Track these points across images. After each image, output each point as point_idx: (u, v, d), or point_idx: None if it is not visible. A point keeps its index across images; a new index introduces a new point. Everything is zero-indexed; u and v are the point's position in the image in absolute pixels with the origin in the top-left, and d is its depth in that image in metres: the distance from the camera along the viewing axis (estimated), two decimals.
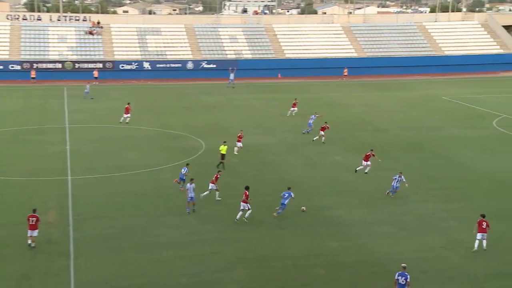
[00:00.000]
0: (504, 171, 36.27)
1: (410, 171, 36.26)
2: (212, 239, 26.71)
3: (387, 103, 58.76)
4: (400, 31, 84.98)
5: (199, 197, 30.34)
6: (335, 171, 36.22)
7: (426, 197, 31.81)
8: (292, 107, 51.84)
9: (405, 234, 27.31)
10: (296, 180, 34.13)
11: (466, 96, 61.69)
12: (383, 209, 30.19)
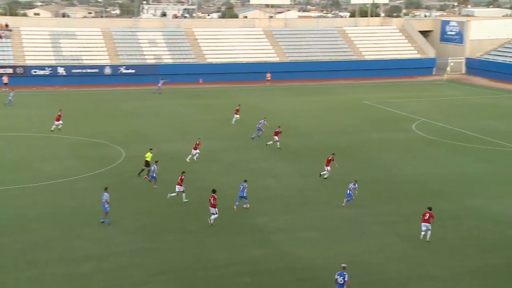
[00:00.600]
0: (426, 174, 37.50)
1: (334, 175, 36.90)
2: (133, 250, 26.23)
3: (310, 108, 59.61)
4: (321, 35, 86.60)
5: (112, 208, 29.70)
6: (259, 177, 36.37)
7: (351, 202, 32.40)
8: (235, 114, 51.58)
9: (331, 239, 27.71)
10: (219, 188, 33.96)
11: (387, 100, 63.51)
12: (308, 214, 30.55)
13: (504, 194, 33.70)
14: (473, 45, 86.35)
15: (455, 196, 33.38)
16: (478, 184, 35.33)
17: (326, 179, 35.81)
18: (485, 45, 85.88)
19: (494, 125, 51.55)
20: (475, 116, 55.77)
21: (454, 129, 50.07)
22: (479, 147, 43.96)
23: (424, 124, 52.02)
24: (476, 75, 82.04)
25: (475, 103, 63.30)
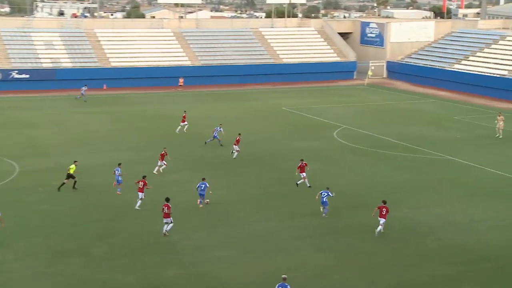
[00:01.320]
0: (348, 184, 38.10)
1: (252, 187, 36.90)
2: (28, 276, 25.17)
3: (225, 115, 59.62)
4: (236, 37, 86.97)
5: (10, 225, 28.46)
6: (171, 191, 35.91)
7: (270, 215, 32.48)
8: (181, 122, 51.16)
9: (249, 257, 27.60)
10: (127, 204, 33.28)
11: (306, 106, 64.40)
12: (223, 231, 30.34)
13: (427, 203, 34.70)
14: (394, 48, 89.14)
15: None
16: (401, 194, 36.24)
17: (247, 192, 35.77)
18: (406, 48, 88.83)
19: (416, 131, 53.18)
20: (397, 122, 57.39)
21: (377, 136, 51.30)
22: (402, 155, 45.19)
23: (345, 131, 53.03)
24: (397, 79, 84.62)
25: (397, 108, 65.19)
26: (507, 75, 72.35)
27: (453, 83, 76.89)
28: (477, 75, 74.71)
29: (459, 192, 36.53)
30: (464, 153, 45.52)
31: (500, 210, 33.66)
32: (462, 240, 29.54)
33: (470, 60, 79.37)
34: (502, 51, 77.94)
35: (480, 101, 69.53)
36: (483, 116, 60.60)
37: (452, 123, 57.20)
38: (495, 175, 40.26)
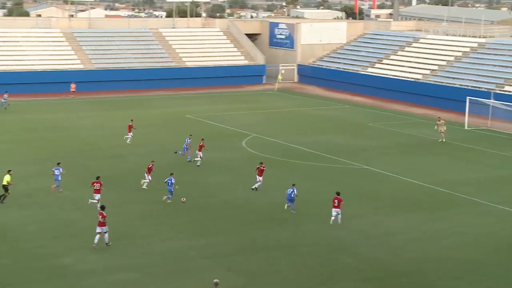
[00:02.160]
0: (257, 197, 38.34)
1: (153, 203, 36.56)
2: None
3: (122, 124, 58.82)
4: (133, 38, 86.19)
5: None
6: (61, 209, 35.04)
7: (172, 234, 32.25)
8: (128, 132, 50.81)
9: (152, 279, 27.28)
10: (6, 225, 32.24)
11: (213, 114, 64.49)
12: (124, 251, 29.87)
13: (342, 216, 35.31)
14: (305, 50, 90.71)
15: (288, 221, 34.45)
16: (312, 206, 36.78)
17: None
18: (317, 50, 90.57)
19: (330, 139, 54.22)
20: (310, 130, 58.32)
21: (288, 144, 51.95)
22: (315, 165, 45.92)
23: (255, 140, 53.43)
24: (309, 84, 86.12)
25: (309, 115, 66.28)
26: (421, 79, 75.01)
27: (368, 88, 79.01)
28: (392, 79, 77.05)
29: (375, 204, 37.43)
30: (380, 162, 46.75)
31: (416, 221, 34.72)
32: (379, 255, 30.26)
33: (384, 63, 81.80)
34: (416, 54, 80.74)
35: (395, 106, 71.68)
36: (399, 122, 62.51)
37: (367, 130, 58.68)
38: (411, 185, 41.54)
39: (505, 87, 66.92)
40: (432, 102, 71.16)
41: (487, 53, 74.83)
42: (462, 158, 48.71)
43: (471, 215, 35.90)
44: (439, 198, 38.97)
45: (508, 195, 39.37)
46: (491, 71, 70.72)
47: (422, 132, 57.14)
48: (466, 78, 70.99)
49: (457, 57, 76.54)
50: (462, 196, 39.10)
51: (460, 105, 63.93)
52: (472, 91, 65.84)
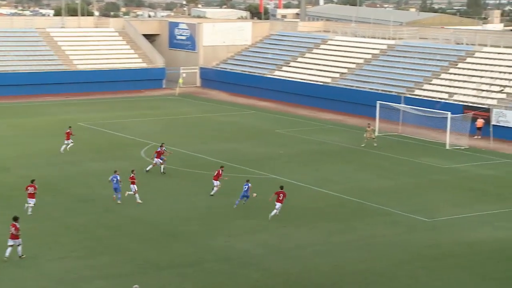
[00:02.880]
0: (159, 211, 38.31)
1: (43, 219, 35.99)
2: None
3: (5, 134, 57.57)
4: (17, 39, 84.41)
5: None
6: None
7: (65, 253, 31.85)
8: (66, 139, 50.16)
9: None
10: None
11: (108, 121, 63.89)
12: (6, 273, 29.32)
13: (248, 229, 35.79)
14: (207, 53, 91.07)
15: (195, 236, 34.63)
16: (219, 220, 37.08)
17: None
18: (221, 52, 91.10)
19: (236, 148, 54.72)
20: (214, 138, 58.66)
21: (191, 154, 52.10)
22: None
23: (155, 149, 53.27)
24: (212, 88, 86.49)
25: (213, 121, 66.63)
26: (330, 83, 76.68)
27: (275, 92, 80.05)
28: (300, 83, 78.34)
29: (283, 215, 38.06)
30: (288, 171, 47.55)
31: (326, 233, 35.55)
32: (288, 269, 30.83)
33: (292, 66, 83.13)
34: (325, 56, 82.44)
35: (303, 111, 72.95)
36: (308, 128, 63.70)
37: (275, 137, 59.52)
38: (321, 194, 42.46)
39: (415, 91, 69.27)
40: (341, 107, 72.82)
41: (396, 55, 77.22)
42: (373, 166, 50.14)
43: (382, 225, 37.05)
44: (349, 207, 40.02)
45: (418, 204, 40.83)
46: (401, 74, 73.06)
47: (332, 139, 58.43)
48: (376, 81, 73.04)
49: (366, 60, 78.68)
50: (373, 205, 40.28)
51: (370, 110, 65.71)
52: (383, 95, 67.83)
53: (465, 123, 58.51)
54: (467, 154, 54.36)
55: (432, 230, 36.19)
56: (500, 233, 35.97)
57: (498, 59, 69.15)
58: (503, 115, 60.38)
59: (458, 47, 74.43)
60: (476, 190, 44.31)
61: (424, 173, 48.25)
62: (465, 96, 65.19)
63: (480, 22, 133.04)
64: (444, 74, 70.35)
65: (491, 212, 39.45)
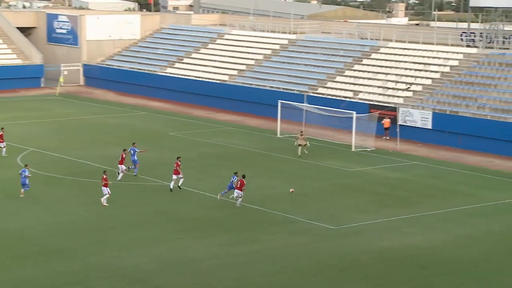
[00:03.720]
0: (34, 226, 37.62)
1: None
2: None
3: None
4: None
5: None
6: None
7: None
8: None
9: None
10: None
11: None
12: None
13: (138, 243, 35.42)
14: (92, 48, 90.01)
15: (80, 251, 34.13)
16: (108, 233, 36.70)
17: None
18: (107, 48, 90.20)
19: None
20: (100, 142, 58.06)
21: (75, 160, 51.43)
22: (109, 183, 45.76)
23: (34, 155, 52.36)
24: (98, 87, 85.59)
25: (99, 124, 65.90)
26: (228, 80, 77.08)
27: (167, 91, 79.87)
28: (195, 81, 78.45)
29: (179, 226, 38.01)
30: (186, 177, 47.53)
31: (226, 244, 35.67)
32: (184, 285, 30.78)
33: (185, 62, 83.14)
34: (221, 52, 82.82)
35: (199, 112, 73.06)
36: (204, 130, 63.87)
37: (168, 141, 59.38)
38: (220, 202, 42.52)
39: (319, 89, 70.49)
40: (240, 107, 73.35)
41: (298, 51, 78.31)
42: (276, 170, 50.70)
43: (286, 234, 37.47)
44: (251, 216, 40.32)
45: (324, 210, 41.54)
46: (303, 71, 74.14)
47: (231, 142, 58.75)
48: (277, 79, 73.91)
49: (266, 56, 79.48)
50: (277, 213, 40.73)
51: (271, 110, 66.48)
52: (284, 94, 68.72)
53: (371, 123, 59.88)
54: (373, 156, 55.71)
55: (338, 239, 36.88)
56: (408, 239, 37.00)
57: (404, 54, 71.10)
58: (410, 114, 62.11)
59: (362, 42, 76.17)
60: (384, 194, 45.45)
61: (329, 177, 49.15)
62: (370, 95, 66.79)
63: (385, 15, 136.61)
64: (348, 71, 71.85)
65: (399, 217, 40.53)
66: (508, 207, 43.47)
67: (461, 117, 60.11)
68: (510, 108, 58.72)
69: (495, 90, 61.79)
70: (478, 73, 64.63)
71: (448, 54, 68.49)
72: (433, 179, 49.58)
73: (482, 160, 55.73)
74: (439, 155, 56.84)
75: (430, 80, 66.24)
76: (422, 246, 35.84)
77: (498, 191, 46.87)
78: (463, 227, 39.18)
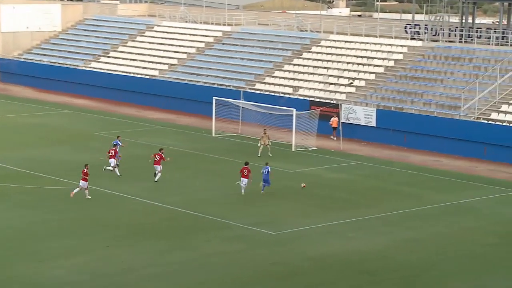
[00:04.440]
0: None
1: None
2: None
3: None
4: None
5: None
6: None
7: None
8: None
9: None
10: None
11: None
12: None
13: (60, 252, 34.98)
14: (7, 40, 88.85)
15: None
16: (27, 242, 36.21)
17: None
18: (24, 40, 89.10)
19: (45, 154, 53.74)
20: (18, 143, 57.38)
21: None
22: (29, 188, 45.29)
23: None
24: (14, 83, 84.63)
25: (17, 123, 65.14)
26: (158, 76, 76.84)
27: (92, 88, 79.27)
28: (122, 77, 78.02)
29: (107, 234, 37.75)
30: (111, 181, 47.25)
31: (157, 253, 35.51)
32: None
33: (111, 56, 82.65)
34: (151, 45, 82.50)
35: (127, 110, 72.68)
36: (133, 130, 63.54)
37: (93, 141, 58.93)
38: (150, 207, 42.43)
39: (256, 84, 70.78)
40: (172, 104, 73.19)
41: (233, 43, 78.52)
42: (210, 172, 50.76)
43: (222, 240, 37.49)
44: (184, 222, 40.31)
45: (262, 215, 41.62)
46: (239, 65, 74.36)
47: (161, 142, 58.48)
48: (211, 74, 73.97)
49: (199, 49, 79.49)
50: (211, 218, 40.77)
51: (205, 107, 66.53)
52: (219, 90, 68.82)
53: (312, 121, 60.31)
54: (315, 156, 56.17)
55: (278, 245, 37.05)
56: (353, 244, 37.39)
57: (346, 48, 71.83)
58: (353, 111, 62.71)
59: (302, 34, 76.70)
60: (326, 196, 45.88)
61: None
62: (311, 91, 67.31)
63: (325, 6, 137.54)
64: (287, 65, 72.30)
65: (343, 221, 40.93)
66: (455, 209, 44.23)
67: (406, 114, 60.94)
68: (457, 104, 59.66)
69: (441, 86, 62.86)
70: (423, 67, 65.68)
71: (392, 48, 69.42)
72: (377, 180, 50.24)
73: (428, 159, 56.63)
74: (384, 155, 57.59)
75: (373, 75, 67.05)
76: (367, 251, 36.26)
77: (445, 192, 47.68)
78: (410, 231, 39.75)
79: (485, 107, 58.98)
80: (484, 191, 48.16)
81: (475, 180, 50.94)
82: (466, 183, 50.22)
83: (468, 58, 64.44)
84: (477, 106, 58.69)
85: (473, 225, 41.27)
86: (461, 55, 65.12)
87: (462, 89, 60.33)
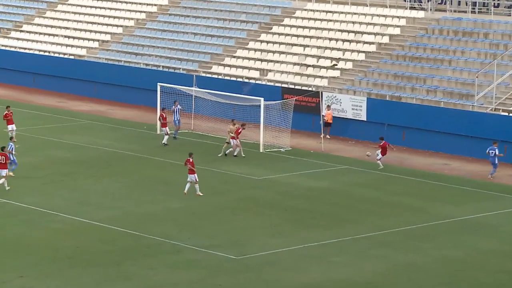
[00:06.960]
0: None
1: None
2: None
3: None
4: None
5: None
6: None
7: None
8: None
9: None
10: None
11: None
12: None
13: None
14: None
15: None
16: None
17: None
18: None
19: None
20: None
21: None
22: None
23: None
24: None
25: None
26: (86, 56, 76.60)
27: (1, 71, 78.91)
28: (39, 57, 78.02)
29: (23, 261, 37.55)
30: (25, 191, 47.20)
31: (85, 283, 35.36)
32: None
33: (24, 31, 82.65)
34: (75, 16, 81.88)
35: (47, 100, 72.61)
36: (55, 125, 63.76)
37: (2, 140, 58.58)
38: (80, 226, 42.33)
39: (213, 67, 70.79)
40: (104, 93, 73.18)
41: (183, 14, 78.19)
42: (157, 180, 50.71)
43: (171, 267, 37.44)
44: (121, 244, 40.25)
45: (222, 234, 41.56)
46: (191, 42, 74.15)
47: (92, 141, 58.38)
48: (155, 53, 73.87)
49: (139, 21, 79.32)
50: (157, 238, 40.77)
51: (148, 96, 66.57)
52: (165, 75, 68.80)
53: (286, 113, 59.88)
54: (289, 159, 56.21)
55: (243, 272, 37.07)
56: (336, 271, 37.40)
57: (327, 20, 71.41)
58: (337, 101, 62.66)
59: (271, 2, 76.08)
60: (303, 210, 45.94)
61: (229, 189, 49.44)
62: (284, 75, 67.23)
63: None
64: (252, 42, 72.28)
65: (324, 242, 40.89)
66: (468, 226, 44.36)
67: (405, 104, 61.06)
68: (470, 92, 59.77)
69: (450, 68, 62.79)
70: (426, 45, 65.71)
71: (386, 19, 69.40)
72: (368, 189, 50.40)
73: (433, 162, 56.82)
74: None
75: (363, 54, 67.12)
76: (355, 281, 36.37)
77: (454, 204, 47.86)
78: (409, 254, 39.87)
79: (504, 95, 59.13)
80: (503, 203, 48.33)
81: (493, 189, 51.18)
82: (481, 193, 50.48)
83: (483, 33, 64.62)
84: (495, 94, 58.83)
85: (489, 247, 41.34)
86: (474, 29, 65.28)
87: (475, 72, 60.30)
